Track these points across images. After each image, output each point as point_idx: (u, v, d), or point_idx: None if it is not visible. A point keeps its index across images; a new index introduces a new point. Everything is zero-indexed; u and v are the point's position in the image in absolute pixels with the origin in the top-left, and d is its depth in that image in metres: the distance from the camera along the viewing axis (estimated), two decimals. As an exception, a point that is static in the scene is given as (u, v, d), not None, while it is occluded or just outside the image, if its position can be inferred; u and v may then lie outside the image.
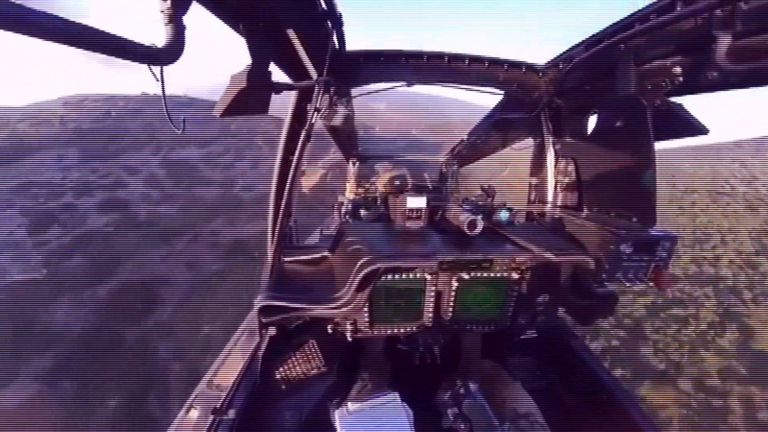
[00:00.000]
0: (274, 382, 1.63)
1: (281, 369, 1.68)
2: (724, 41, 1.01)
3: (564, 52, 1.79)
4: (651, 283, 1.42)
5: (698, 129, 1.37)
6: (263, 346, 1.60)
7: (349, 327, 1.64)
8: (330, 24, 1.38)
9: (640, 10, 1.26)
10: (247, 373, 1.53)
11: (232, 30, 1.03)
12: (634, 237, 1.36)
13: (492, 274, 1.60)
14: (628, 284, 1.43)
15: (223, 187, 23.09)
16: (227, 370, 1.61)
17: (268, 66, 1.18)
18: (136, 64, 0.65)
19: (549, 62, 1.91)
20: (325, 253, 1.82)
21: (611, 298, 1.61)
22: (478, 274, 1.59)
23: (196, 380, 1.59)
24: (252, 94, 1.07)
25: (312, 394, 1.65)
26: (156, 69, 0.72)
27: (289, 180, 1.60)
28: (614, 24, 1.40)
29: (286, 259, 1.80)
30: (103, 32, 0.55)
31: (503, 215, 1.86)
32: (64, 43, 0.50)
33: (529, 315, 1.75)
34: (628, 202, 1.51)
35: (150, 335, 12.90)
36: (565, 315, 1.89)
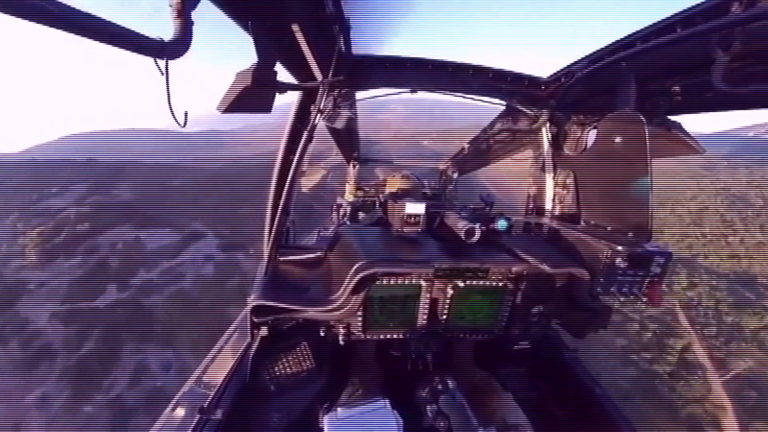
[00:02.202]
0: (263, 383, 1.61)
1: (271, 370, 1.66)
2: (722, 64, 1.03)
3: (566, 67, 1.82)
4: (645, 299, 1.42)
5: (694, 149, 1.39)
6: (254, 346, 1.58)
7: (341, 330, 1.63)
8: (337, 27, 1.39)
9: (641, 30, 1.29)
10: (237, 372, 1.51)
11: (241, 27, 1.03)
12: (630, 252, 1.37)
13: (487, 283, 1.60)
14: (622, 299, 1.44)
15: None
16: (216, 369, 1.59)
17: (274, 65, 1.18)
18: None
19: (551, 76, 1.93)
20: (321, 255, 1.81)
21: (605, 312, 1.61)
22: (474, 283, 1.59)
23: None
24: (256, 93, 1.07)
25: (301, 397, 1.63)
26: (161, 63, 0.72)
27: (288, 179, 1.59)
28: (616, 42, 1.43)
29: (281, 258, 1.79)
30: (112, 23, 0.55)
31: (501, 224, 1.86)
32: (73, 32, 0.51)
33: (523, 325, 1.75)
34: (624, 217, 1.52)
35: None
36: (559, 327, 1.89)
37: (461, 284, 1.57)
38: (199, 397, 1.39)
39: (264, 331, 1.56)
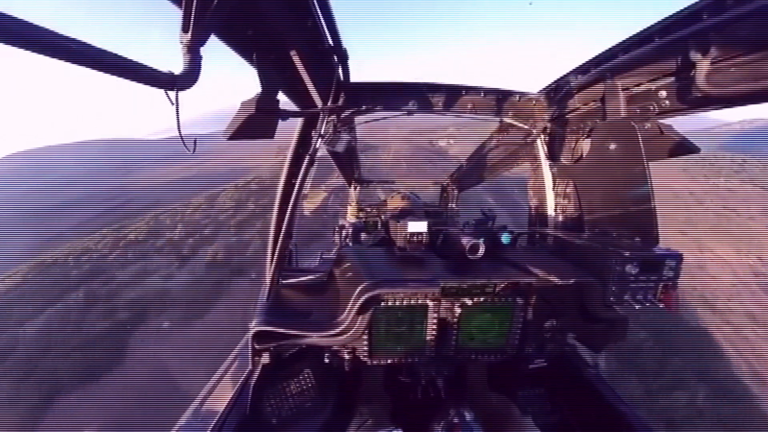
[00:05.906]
0: (265, 416, 1.52)
1: (274, 400, 1.58)
2: (703, 66, 1.09)
3: (555, 81, 1.90)
4: (661, 305, 1.38)
5: (689, 148, 1.41)
6: (255, 374, 1.52)
7: (347, 356, 1.57)
8: (336, 58, 1.47)
9: (622, 42, 1.36)
10: (237, 404, 1.44)
11: (245, 60, 1.10)
12: (639, 257, 1.34)
13: (496, 300, 1.56)
14: (637, 306, 1.38)
15: None
16: (215, 399, 1.51)
17: (276, 94, 1.24)
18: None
19: (541, 90, 2.02)
20: (325, 278, 1.78)
21: (622, 322, 1.55)
22: (482, 300, 1.55)
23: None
24: (260, 120, 1.12)
25: (306, 429, 1.53)
26: (172, 94, 0.76)
27: (291, 202, 1.61)
28: (600, 54, 1.51)
29: (284, 282, 1.76)
30: (129, 60, 0.61)
31: (504, 238, 1.85)
32: (96, 69, 0.55)
33: (536, 342, 1.68)
34: (629, 222, 1.51)
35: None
36: (576, 342, 1.81)
37: (469, 302, 1.53)
38: (197, 431, 1.31)
39: (266, 358, 1.50)
